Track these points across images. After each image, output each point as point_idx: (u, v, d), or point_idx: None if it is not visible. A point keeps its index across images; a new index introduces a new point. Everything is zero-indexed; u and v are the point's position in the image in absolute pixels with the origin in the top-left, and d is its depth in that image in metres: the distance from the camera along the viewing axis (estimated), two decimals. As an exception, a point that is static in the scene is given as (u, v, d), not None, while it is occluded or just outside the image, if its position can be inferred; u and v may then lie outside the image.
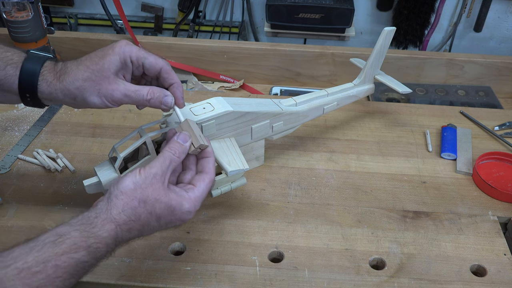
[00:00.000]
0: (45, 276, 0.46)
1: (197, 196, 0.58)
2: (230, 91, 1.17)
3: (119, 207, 0.53)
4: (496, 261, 0.72)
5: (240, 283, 0.67)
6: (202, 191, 0.59)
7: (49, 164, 0.86)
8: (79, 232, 0.51)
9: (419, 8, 1.41)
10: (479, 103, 1.13)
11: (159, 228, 0.57)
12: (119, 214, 0.53)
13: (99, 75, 0.60)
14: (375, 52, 0.92)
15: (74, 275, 0.49)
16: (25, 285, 0.45)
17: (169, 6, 1.56)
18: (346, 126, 1.00)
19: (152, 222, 0.56)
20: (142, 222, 0.55)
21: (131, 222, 0.54)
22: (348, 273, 0.69)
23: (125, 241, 0.55)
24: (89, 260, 0.50)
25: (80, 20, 1.59)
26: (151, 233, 0.58)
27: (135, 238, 0.56)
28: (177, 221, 0.58)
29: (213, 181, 0.61)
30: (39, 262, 0.47)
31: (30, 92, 0.61)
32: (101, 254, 0.52)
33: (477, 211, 0.80)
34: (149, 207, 0.55)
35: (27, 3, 1.01)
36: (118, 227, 0.53)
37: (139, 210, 0.54)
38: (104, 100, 0.61)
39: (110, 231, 0.52)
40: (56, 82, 0.61)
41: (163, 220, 0.56)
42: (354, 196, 0.83)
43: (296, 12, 1.35)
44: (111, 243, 0.53)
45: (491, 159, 0.91)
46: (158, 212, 0.55)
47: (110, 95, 0.61)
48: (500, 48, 1.56)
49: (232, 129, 0.76)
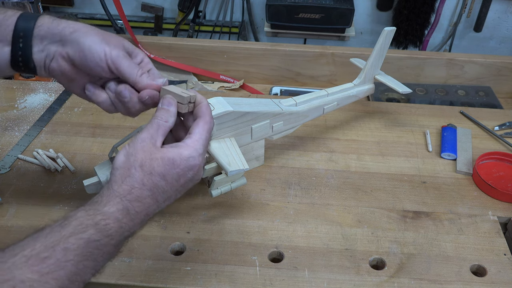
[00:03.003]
0: (54, 261, 0.45)
1: (195, 140, 0.56)
2: (230, 91, 1.17)
3: (118, 181, 0.52)
4: (496, 261, 0.72)
5: (240, 283, 0.67)
6: (199, 134, 0.56)
7: (49, 164, 0.86)
8: (84, 211, 0.49)
9: (419, 8, 1.41)
10: (479, 103, 1.13)
11: (173, 187, 0.54)
12: (120, 187, 0.52)
13: (110, 35, 0.60)
14: (375, 52, 0.92)
15: (87, 257, 0.47)
16: (34, 272, 0.44)
17: (169, 6, 1.56)
18: (346, 126, 1.00)
19: (159, 183, 0.53)
20: (148, 187, 0.53)
21: (136, 190, 0.52)
22: (348, 273, 0.69)
23: (144, 212, 0.53)
24: (100, 239, 0.48)
25: (80, 20, 1.58)
26: (169, 197, 0.55)
27: (154, 207, 0.54)
28: (186, 172, 0.54)
29: (210, 123, 0.58)
30: (47, 247, 0.45)
31: (28, 25, 0.58)
32: (114, 231, 0.50)
33: (477, 211, 0.80)
34: (147, 169, 0.53)
35: (27, 3, 1.02)
36: (124, 199, 0.51)
37: (138, 176, 0.52)
38: (103, 48, 0.58)
39: (116, 205, 0.51)
40: (59, 19, 0.59)
41: (170, 177, 0.54)
42: (354, 196, 0.83)
43: (296, 12, 1.35)
44: (122, 218, 0.51)
45: (491, 159, 0.91)
46: (159, 170, 0.53)
47: (112, 47, 0.59)
48: (500, 48, 1.57)
49: (232, 129, 0.76)
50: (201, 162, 0.56)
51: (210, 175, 0.74)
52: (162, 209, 0.56)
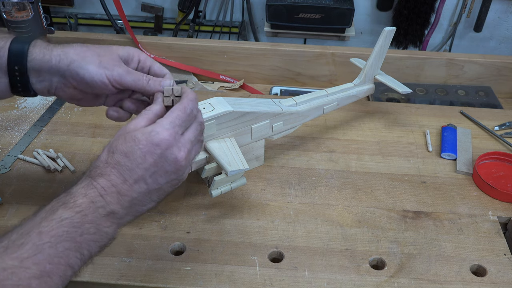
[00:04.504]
0: (31, 246, 0.46)
1: (163, 118, 0.54)
2: (230, 91, 1.17)
3: (90, 167, 0.54)
4: (496, 261, 0.72)
5: (240, 283, 0.67)
6: (169, 113, 0.55)
7: (49, 164, 0.86)
8: (55, 199, 0.51)
9: (419, 8, 1.41)
10: (479, 103, 1.13)
11: (140, 166, 0.52)
12: (90, 171, 0.53)
13: (104, 50, 0.59)
14: (375, 52, 0.92)
15: (64, 237, 0.47)
16: (14, 258, 0.45)
17: (169, 6, 1.56)
18: (346, 126, 1.00)
19: (121, 160, 0.52)
20: (112, 165, 0.52)
21: (99, 169, 0.52)
22: (348, 273, 0.69)
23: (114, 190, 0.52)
24: (72, 216, 0.49)
25: (80, 20, 1.59)
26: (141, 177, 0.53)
27: (124, 186, 0.52)
28: (150, 149, 0.52)
29: (185, 104, 0.56)
30: (23, 234, 0.47)
31: (20, 59, 0.58)
32: (85, 206, 0.50)
33: (477, 211, 0.80)
34: (111, 149, 0.53)
35: (27, 3, 1.01)
36: (87, 177, 0.52)
37: (102, 157, 0.53)
38: (102, 72, 0.58)
39: (82, 183, 0.52)
40: (53, 48, 0.59)
41: (132, 154, 0.52)
42: (354, 196, 0.83)
43: (296, 12, 1.35)
44: (88, 192, 0.51)
45: (491, 159, 0.91)
46: (121, 148, 0.52)
47: (110, 68, 0.59)
48: (500, 48, 1.56)
49: (232, 129, 0.76)
50: (168, 137, 0.53)
51: (210, 175, 0.74)
52: (143, 193, 0.53)
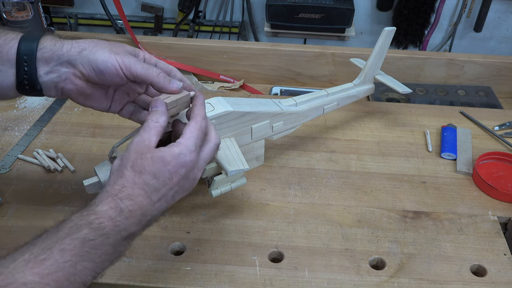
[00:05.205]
0: (53, 262, 0.46)
1: (186, 139, 0.56)
2: (230, 91, 1.17)
3: (111, 183, 0.53)
4: (496, 261, 0.72)
5: (240, 283, 0.67)
6: (190, 133, 0.57)
7: (49, 164, 0.86)
8: (79, 213, 0.50)
9: (419, 8, 1.41)
10: (479, 103, 1.13)
11: (166, 185, 0.54)
12: (112, 187, 0.53)
13: (113, 43, 0.60)
14: (375, 52, 0.92)
15: (85, 257, 0.48)
16: (35, 274, 0.44)
17: (169, 6, 1.56)
18: (346, 126, 1.00)
19: (150, 181, 0.53)
20: (140, 185, 0.53)
21: (126, 189, 0.52)
22: (348, 273, 0.69)
23: (139, 212, 0.52)
24: (95, 238, 0.49)
25: (80, 20, 1.59)
26: (164, 195, 0.55)
27: (149, 206, 0.54)
28: (177, 169, 0.54)
29: (201, 122, 0.58)
30: (45, 249, 0.46)
31: (30, 48, 0.58)
32: (109, 230, 0.50)
33: (477, 211, 0.80)
34: (137, 168, 0.53)
35: (27, 3, 1.02)
36: (115, 198, 0.52)
37: (128, 175, 0.53)
38: (115, 58, 0.59)
39: (108, 203, 0.51)
40: (62, 40, 0.60)
41: (161, 175, 0.54)
42: (354, 196, 0.83)
43: (296, 12, 1.35)
44: (115, 216, 0.51)
45: (491, 159, 0.91)
46: (149, 169, 0.53)
47: (122, 55, 0.59)
48: (500, 48, 1.56)
49: (232, 129, 0.76)
50: (194, 159, 0.56)
51: (210, 175, 0.74)
52: (161, 210, 0.56)
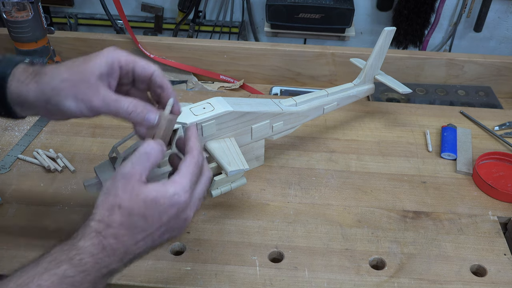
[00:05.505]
0: None
1: (182, 176, 0.52)
2: (230, 91, 1.17)
3: (95, 218, 0.49)
4: (496, 261, 0.72)
5: (240, 283, 0.67)
6: (186, 169, 0.53)
7: (49, 164, 0.86)
8: (59, 247, 0.47)
9: (419, 8, 1.41)
10: (479, 103, 1.13)
11: (154, 225, 0.50)
12: (97, 223, 0.49)
13: (80, 77, 0.54)
14: (375, 52, 0.92)
15: None
16: None
17: (169, 6, 1.56)
18: (346, 126, 1.00)
19: (138, 222, 0.49)
20: (127, 226, 0.49)
21: (112, 229, 0.49)
22: (348, 273, 0.69)
23: (122, 250, 0.49)
24: (75, 274, 0.46)
25: (80, 20, 1.59)
26: (150, 234, 0.51)
27: (133, 246, 0.50)
28: (167, 209, 0.50)
29: (197, 157, 0.54)
30: (21, 285, 0.43)
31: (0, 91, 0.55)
32: (90, 266, 0.47)
33: (477, 211, 0.80)
34: (126, 210, 0.49)
35: (27, 3, 1.01)
36: (99, 235, 0.48)
37: (116, 216, 0.49)
38: (80, 106, 0.54)
39: (91, 239, 0.48)
40: (29, 82, 0.55)
41: (150, 216, 0.50)
42: (354, 196, 0.83)
43: (296, 12, 1.35)
44: (97, 253, 0.47)
45: (491, 159, 0.91)
46: (139, 211, 0.49)
47: (88, 100, 0.54)
48: (500, 48, 1.56)
49: (232, 129, 0.76)
50: (187, 199, 0.52)
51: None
52: (145, 248, 0.52)
